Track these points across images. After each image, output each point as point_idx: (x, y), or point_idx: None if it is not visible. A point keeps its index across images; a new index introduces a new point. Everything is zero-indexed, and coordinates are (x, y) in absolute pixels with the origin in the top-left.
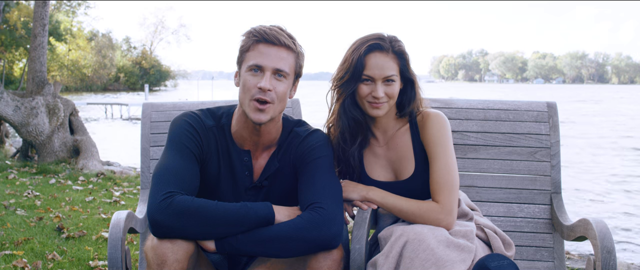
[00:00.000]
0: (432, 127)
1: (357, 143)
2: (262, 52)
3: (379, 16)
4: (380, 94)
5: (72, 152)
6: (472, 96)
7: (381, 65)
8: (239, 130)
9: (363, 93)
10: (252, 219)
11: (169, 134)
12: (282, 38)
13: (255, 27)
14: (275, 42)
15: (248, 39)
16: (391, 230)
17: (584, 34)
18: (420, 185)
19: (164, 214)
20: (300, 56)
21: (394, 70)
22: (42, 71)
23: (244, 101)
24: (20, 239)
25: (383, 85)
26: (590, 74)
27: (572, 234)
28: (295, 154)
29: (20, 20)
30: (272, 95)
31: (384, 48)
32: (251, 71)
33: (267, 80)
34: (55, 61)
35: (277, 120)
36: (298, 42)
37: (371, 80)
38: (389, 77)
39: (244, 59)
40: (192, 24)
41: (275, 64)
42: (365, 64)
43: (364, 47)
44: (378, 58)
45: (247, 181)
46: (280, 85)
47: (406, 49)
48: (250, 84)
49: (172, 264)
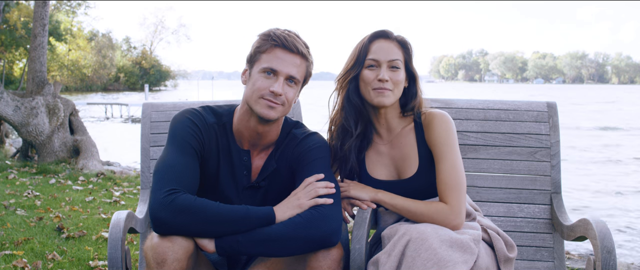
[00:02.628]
0: (438, 127)
1: (356, 135)
2: (279, 57)
3: (379, 16)
4: (386, 76)
5: (72, 152)
6: (472, 96)
7: (386, 49)
8: (240, 129)
9: (368, 79)
10: (253, 220)
11: (170, 130)
12: (299, 46)
13: (274, 31)
14: (293, 50)
15: (266, 41)
16: (395, 229)
17: (584, 34)
18: (422, 185)
19: (166, 211)
20: (311, 65)
21: (399, 56)
22: (42, 71)
23: (251, 99)
24: (20, 239)
25: (388, 70)
26: (590, 74)
27: (572, 234)
28: (292, 156)
29: (20, 20)
30: (282, 99)
31: (387, 35)
32: (265, 73)
33: (280, 85)
34: (55, 61)
35: (279, 122)
36: (311, 52)
37: (376, 64)
38: (394, 62)
39: (259, 60)
40: (192, 24)
41: (290, 70)
42: (369, 50)
43: (369, 37)
44: (382, 43)
45: (245, 180)
46: (290, 91)
47: (410, 42)
48: (262, 85)
49: (171, 264)
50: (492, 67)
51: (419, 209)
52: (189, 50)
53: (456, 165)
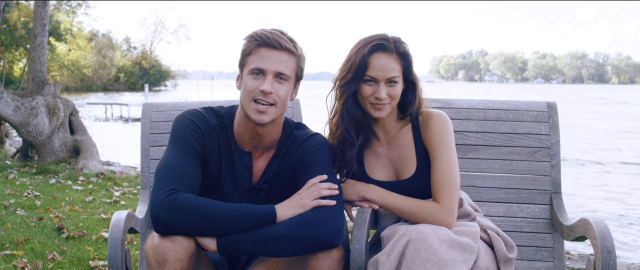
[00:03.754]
0: (435, 126)
1: (358, 144)
2: (264, 55)
3: (380, 16)
4: (383, 95)
5: (72, 152)
6: (472, 96)
7: (384, 66)
8: (240, 132)
9: (366, 93)
10: (254, 219)
11: (172, 131)
12: (283, 42)
13: (256, 31)
14: (277, 46)
15: (250, 42)
16: (394, 229)
17: (584, 34)
18: (421, 185)
19: (166, 211)
20: (301, 59)
21: (397, 72)
22: (42, 71)
23: (245, 103)
24: (20, 239)
25: (386, 87)
26: (590, 74)
27: (572, 234)
28: (294, 157)
29: (20, 20)
30: (274, 98)
31: (387, 49)
32: (253, 74)
33: (269, 84)
34: (55, 61)
35: (278, 123)
36: (299, 46)
37: (374, 81)
38: (392, 79)
39: (246, 63)
40: (192, 24)
41: (277, 67)
42: (368, 64)
43: (368, 47)
44: (381, 59)
45: (247, 182)
46: (281, 88)
47: (410, 51)
48: (252, 86)
49: (172, 263)
50: (492, 67)
51: (410, 207)
52: (189, 50)
53: (451, 165)
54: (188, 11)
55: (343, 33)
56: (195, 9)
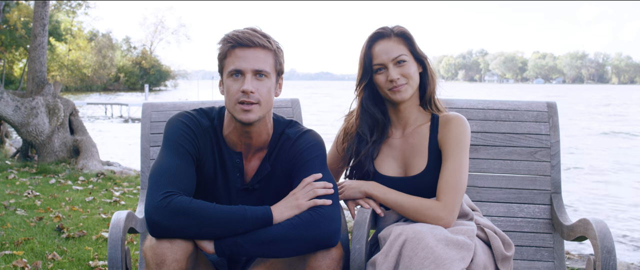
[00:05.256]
0: (454, 128)
1: (371, 141)
2: (239, 56)
3: (380, 16)
4: (395, 76)
5: (72, 152)
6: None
7: (386, 50)
8: (229, 133)
9: (381, 82)
10: (250, 221)
11: (165, 134)
12: (255, 39)
13: (228, 33)
14: (250, 44)
15: (224, 46)
16: (390, 230)
17: (584, 33)
18: (427, 183)
19: (161, 214)
20: (278, 53)
21: (402, 51)
22: (42, 71)
23: (230, 106)
24: (20, 239)
25: (396, 67)
26: (590, 74)
27: (572, 234)
28: (287, 157)
29: (20, 20)
30: (256, 97)
31: (385, 35)
32: (232, 77)
33: (249, 83)
34: (55, 61)
35: (267, 121)
36: (273, 40)
37: (383, 67)
38: (398, 58)
39: (224, 66)
40: (192, 24)
41: (253, 65)
42: (373, 55)
43: (368, 41)
44: (382, 44)
45: (239, 183)
46: (262, 85)
47: (408, 31)
48: (233, 89)
49: (171, 264)
50: (492, 67)
51: (412, 203)
52: (189, 50)
53: (461, 168)
54: (188, 11)
55: (343, 33)
56: (195, 9)
